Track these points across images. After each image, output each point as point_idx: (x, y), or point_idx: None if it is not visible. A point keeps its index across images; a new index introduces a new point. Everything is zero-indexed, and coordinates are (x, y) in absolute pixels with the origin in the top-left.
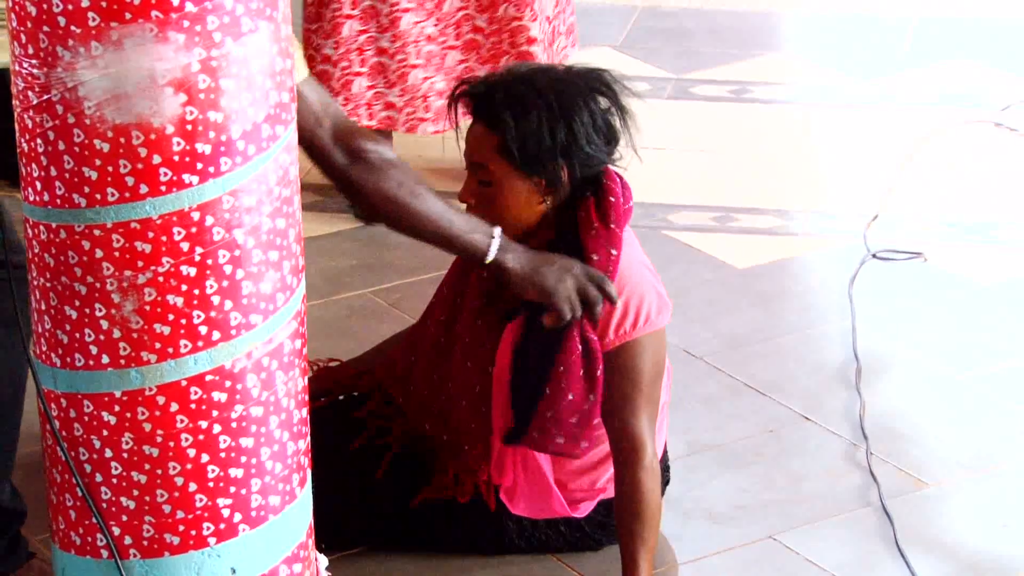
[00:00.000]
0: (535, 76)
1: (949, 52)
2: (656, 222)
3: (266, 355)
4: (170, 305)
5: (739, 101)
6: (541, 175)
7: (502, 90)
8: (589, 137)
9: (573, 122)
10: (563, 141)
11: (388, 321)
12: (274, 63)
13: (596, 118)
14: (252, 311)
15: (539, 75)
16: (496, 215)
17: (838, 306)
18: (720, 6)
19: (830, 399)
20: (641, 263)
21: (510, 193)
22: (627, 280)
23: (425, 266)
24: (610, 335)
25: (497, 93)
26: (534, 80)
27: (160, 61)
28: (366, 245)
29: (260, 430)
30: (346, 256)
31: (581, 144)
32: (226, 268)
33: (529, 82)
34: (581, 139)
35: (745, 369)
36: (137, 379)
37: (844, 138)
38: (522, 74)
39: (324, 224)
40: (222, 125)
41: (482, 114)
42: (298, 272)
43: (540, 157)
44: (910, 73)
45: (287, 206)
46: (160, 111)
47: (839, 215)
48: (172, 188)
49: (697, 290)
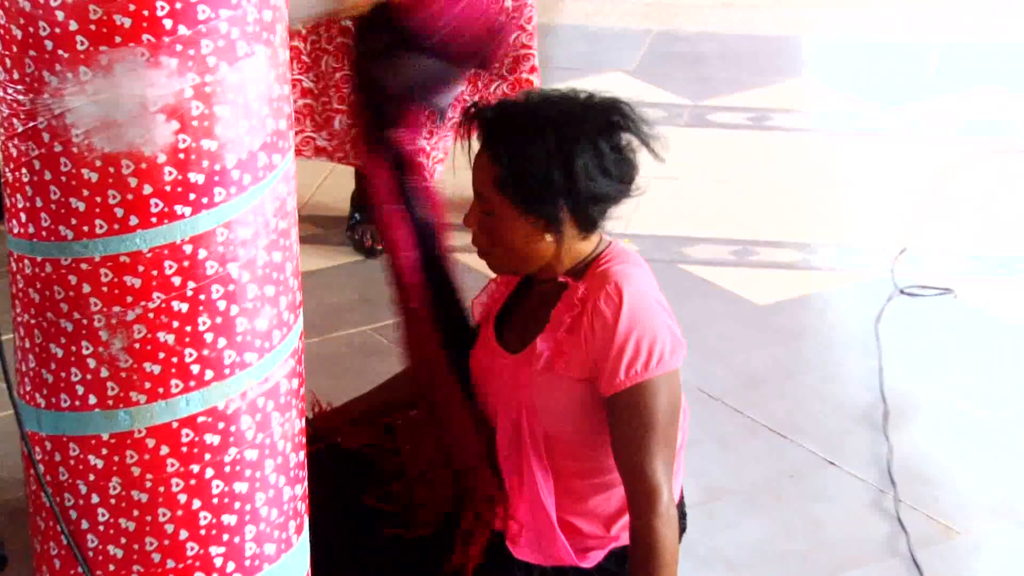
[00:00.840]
0: (545, 107)
1: (976, 79)
2: (671, 255)
3: (261, 395)
4: (161, 343)
5: (758, 129)
6: (539, 214)
7: (507, 120)
8: (591, 176)
9: (573, 162)
10: (560, 181)
11: (389, 359)
12: (271, 89)
13: (604, 157)
14: (247, 349)
15: (550, 106)
16: (500, 249)
17: (863, 344)
18: (737, 30)
19: (855, 442)
20: (655, 300)
21: (509, 228)
22: (639, 318)
23: None
24: (621, 376)
25: (502, 122)
26: (542, 111)
27: (152, 87)
28: (366, 280)
29: (255, 474)
30: (346, 291)
31: (580, 185)
32: (220, 304)
33: (535, 113)
34: (581, 180)
35: (765, 410)
36: (126, 421)
37: (868, 168)
38: (533, 104)
39: (323, 258)
40: (216, 154)
41: (487, 143)
42: (295, 308)
43: (537, 196)
44: (935, 100)
45: (284, 239)
46: (151, 139)
47: (864, 249)
48: (163, 220)
49: (714, 327)
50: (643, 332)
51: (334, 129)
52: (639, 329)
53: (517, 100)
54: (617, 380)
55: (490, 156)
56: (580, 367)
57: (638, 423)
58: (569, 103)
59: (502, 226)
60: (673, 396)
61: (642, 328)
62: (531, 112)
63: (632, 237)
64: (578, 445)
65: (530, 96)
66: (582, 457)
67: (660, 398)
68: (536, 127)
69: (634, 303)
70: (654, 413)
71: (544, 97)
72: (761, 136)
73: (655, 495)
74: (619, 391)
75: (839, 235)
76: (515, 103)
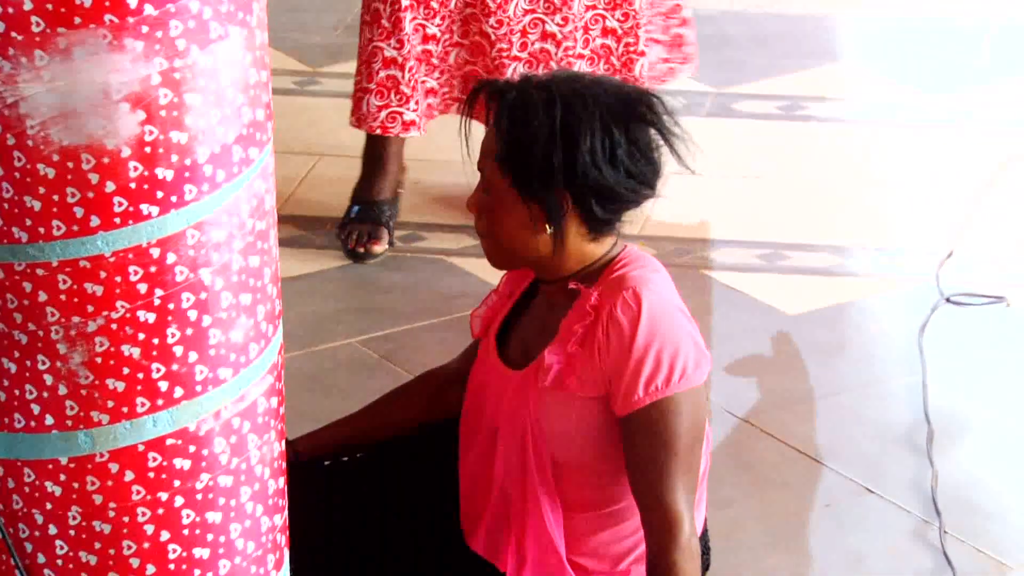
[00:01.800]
0: (564, 84)
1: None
2: (693, 260)
3: (237, 415)
4: (125, 357)
5: (790, 119)
6: (537, 201)
7: (516, 92)
8: (596, 163)
9: (577, 144)
10: (559, 164)
11: (379, 375)
12: (247, 75)
13: (617, 146)
14: (221, 364)
15: (568, 83)
16: (494, 232)
17: (906, 358)
18: (767, 9)
19: (896, 468)
20: (677, 308)
21: (505, 212)
22: (660, 328)
23: (423, 312)
24: (639, 392)
25: (510, 94)
26: (555, 88)
27: (115, 73)
28: (354, 287)
29: (229, 503)
30: (331, 299)
31: (582, 172)
32: (190, 314)
33: (547, 89)
34: (583, 166)
35: (797, 432)
36: (86, 443)
37: (912, 163)
38: (555, 79)
39: (305, 262)
40: (186, 147)
41: (495, 115)
42: (275, 318)
43: (536, 179)
44: (988, 87)
45: (262, 241)
46: (114, 131)
47: (907, 252)
48: (128, 220)
49: (741, 339)
50: (664, 343)
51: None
52: (660, 340)
53: (529, 75)
54: (635, 397)
55: (496, 130)
56: (593, 383)
57: (657, 446)
58: (593, 84)
59: (499, 209)
60: (697, 416)
61: (663, 339)
62: (546, 87)
63: (648, 240)
64: (589, 472)
65: (556, 73)
66: (593, 486)
67: (682, 417)
68: (546, 101)
69: (654, 311)
70: (675, 434)
71: (570, 75)
72: (793, 127)
73: (676, 526)
74: (636, 410)
75: (879, 237)
76: (537, 77)
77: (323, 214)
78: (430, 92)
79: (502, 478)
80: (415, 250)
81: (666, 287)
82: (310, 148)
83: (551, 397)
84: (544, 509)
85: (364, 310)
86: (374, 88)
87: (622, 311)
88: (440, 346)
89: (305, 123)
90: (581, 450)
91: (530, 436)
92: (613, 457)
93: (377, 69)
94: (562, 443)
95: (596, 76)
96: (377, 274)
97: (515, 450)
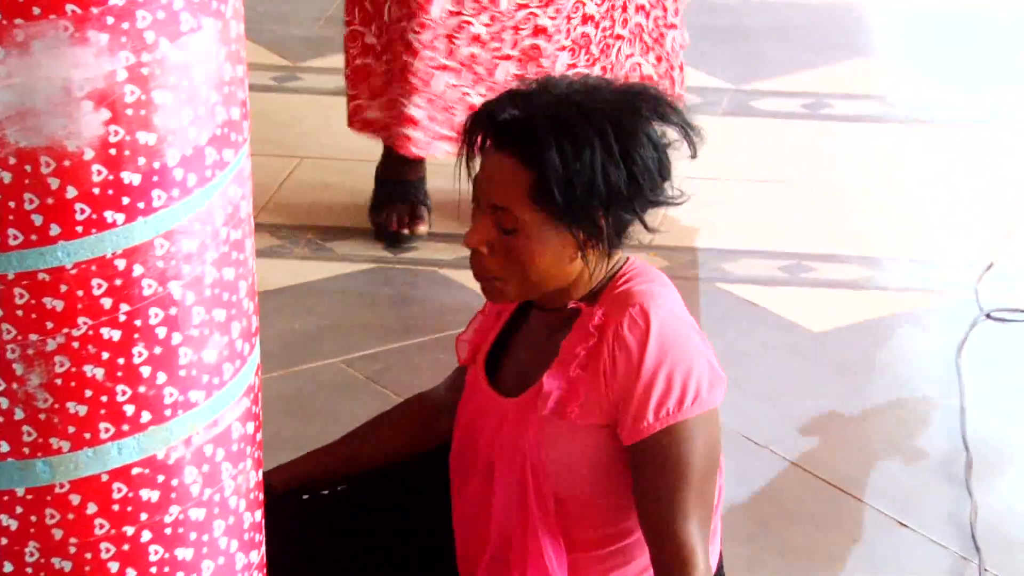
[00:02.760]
0: (580, 97)
1: None
2: (709, 272)
3: (209, 442)
4: (87, 378)
5: (814, 118)
6: (581, 226)
7: (543, 115)
8: (652, 180)
9: (633, 162)
10: (619, 186)
11: (366, 398)
12: (222, 71)
13: (661, 154)
14: (192, 386)
15: (584, 95)
16: (518, 271)
17: (942, 380)
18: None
19: (932, 499)
20: (687, 324)
21: (538, 246)
22: (671, 347)
23: (413, 329)
24: (649, 417)
25: (537, 119)
26: (581, 103)
27: (77, 68)
28: (338, 301)
29: (201, 538)
30: (313, 315)
31: (642, 190)
32: (159, 331)
33: (575, 105)
34: (643, 183)
35: (822, 461)
36: (45, 473)
37: (949, 166)
38: (563, 94)
39: (284, 274)
40: (155, 149)
41: (514, 145)
42: (251, 336)
43: (586, 205)
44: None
45: (237, 252)
46: (77, 132)
47: (943, 264)
48: (91, 229)
49: (761, 359)
50: (676, 363)
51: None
52: (671, 360)
53: (533, 92)
54: (644, 423)
55: (521, 159)
56: (599, 410)
57: (669, 475)
58: (601, 91)
59: (529, 246)
60: (711, 442)
61: (674, 359)
62: (567, 103)
63: (658, 250)
64: (595, 508)
65: (547, 86)
66: (599, 522)
67: (696, 444)
68: (587, 119)
69: (664, 329)
70: (688, 463)
71: (568, 85)
72: (818, 127)
73: (689, 563)
74: (646, 437)
75: (912, 247)
76: (536, 95)
77: (304, 222)
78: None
79: (500, 518)
80: (405, 261)
81: (675, 302)
82: (290, 150)
83: (552, 427)
84: (546, 550)
85: (349, 327)
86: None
87: (629, 330)
88: (433, 366)
89: (285, 123)
90: (586, 484)
91: (530, 470)
92: (621, 491)
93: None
94: (565, 477)
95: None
96: (364, 288)
97: (514, 486)
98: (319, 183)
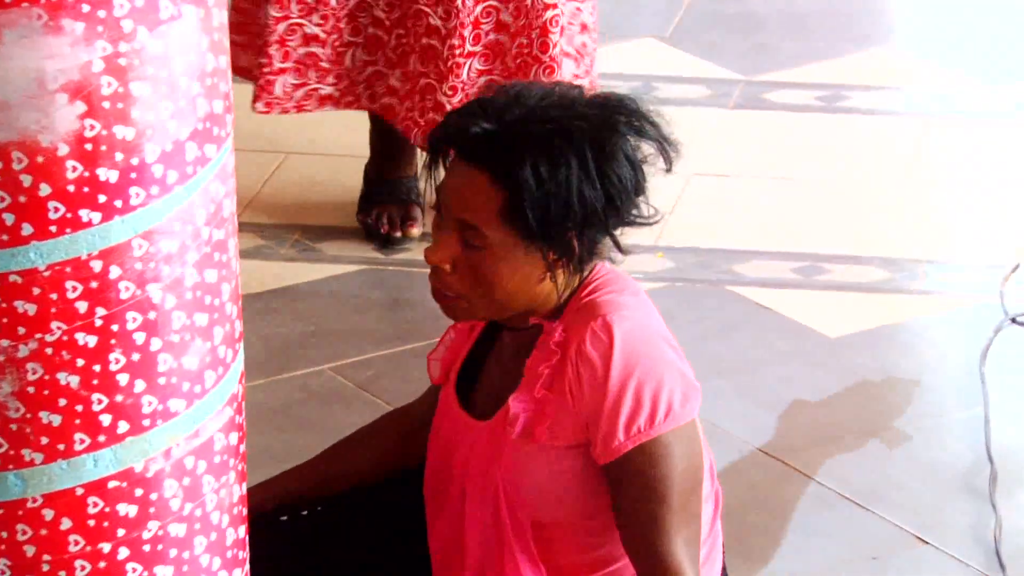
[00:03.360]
0: (555, 112)
1: None
2: (717, 275)
3: (190, 454)
4: (61, 386)
5: (830, 111)
6: (552, 247)
7: (518, 131)
8: (628, 199)
9: (610, 182)
10: (595, 207)
11: (356, 407)
12: (204, 61)
13: (637, 172)
14: (172, 394)
15: (560, 110)
16: (483, 291)
17: (965, 388)
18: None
19: (954, 514)
20: (656, 334)
21: (506, 266)
22: (637, 359)
23: (405, 335)
24: (619, 436)
25: (512, 134)
26: (557, 118)
27: (51, 59)
28: (326, 305)
29: (182, 556)
30: (300, 320)
31: (617, 210)
32: (137, 336)
33: (551, 120)
34: (619, 204)
35: (838, 473)
36: (16, 486)
37: (972, 162)
38: (537, 105)
39: (270, 276)
40: (133, 144)
41: (486, 161)
42: (234, 342)
43: (559, 226)
44: None
45: (220, 253)
46: (50, 126)
47: (966, 266)
48: (65, 229)
49: (773, 366)
50: (644, 378)
51: (344, 67)
52: (639, 374)
53: (506, 102)
54: (615, 443)
55: (492, 176)
56: (569, 431)
57: (647, 495)
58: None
59: (495, 265)
60: (690, 455)
61: (643, 373)
62: (541, 117)
63: (666, 251)
64: (575, 532)
65: (519, 95)
66: (581, 547)
67: (673, 460)
68: (564, 135)
69: (629, 340)
70: (667, 480)
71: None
72: (834, 121)
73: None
74: (619, 456)
75: (933, 248)
76: (509, 107)
77: (290, 221)
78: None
79: (476, 544)
80: (398, 262)
81: (644, 311)
82: (276, 145)
83: (522, 450)
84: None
85: (338, 332)
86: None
87: (592, 345)
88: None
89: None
90: (563, 508)
91: (503, 496)
92: (601, 512)
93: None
94: (540, 502)
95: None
96: (354, 290)
97: (488, 512)
98: (306, 180)
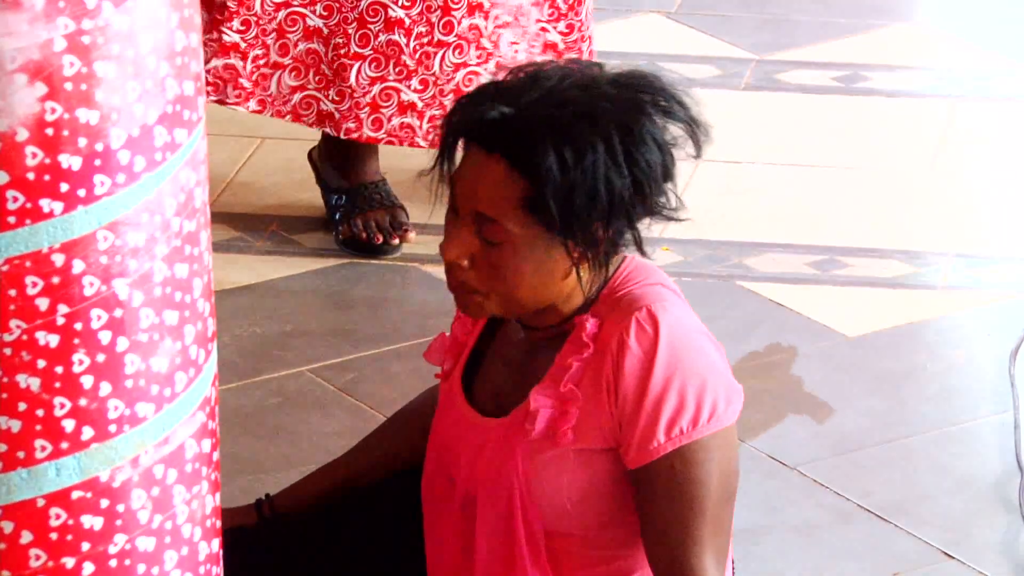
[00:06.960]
0: (576, 93)
1: None
2: (728, 269)
3: (160, 462)
4: (21, 389)
5: (849, 92)
6: (576, 240)
7: (538, 115)
8: (657, 186)
9: (639, 168)
10: (622, 196)
11: (337, 412)
12: (173, 39)
13: (666, 156)
14: (140, 398)
15: (581, 91)
16: (503, 288)
17: (994, 391)
18: None
19: (982, 527)
20: (698, 331)
21: (527, 261)
22: (683, 357)
23: (390, 334)
24: (659, 437)
25: (528, 118)
26: (579, 100)
27: (8, 37)
28: (306, 302)
29: (151, 571)
30: (277, 319)
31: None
32: (102, 336)
33: (573, 101)
34: (647, 191)
35: (859, 484)
36: None
37: (1001, 148)
38: (557, 86)
39: (245, 271)
40: (97, 129)
41: (505, 149)
42: (207, 342)
43: (584, 216)
44: None
45: (191, 246)
46: (8, 109)
47: (995, 259)
48: (24, 220)
49: (788, 368)
50: (688, 376)
51: (348, 85)
52: (683, 372)
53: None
54: (653, 444)
55: (511, 165)
56: (597, 432)
57: (682, 502)
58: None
59: (516, 261)
60: (728, 464)
61: (687, 370)
62: (562, 102)
63: (672, 244)
64: (593, 545)
65: (537, 79)
66: (597, 560)
67: (712, 466)
68: (588, 121)
69: (675, 334)
70: (703, 488)
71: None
72: (853, 103)
73: None
74: (656, 458)
75: (960, 241)
76: (525, 91)
77: (266, 211)
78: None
79: (484, 556)
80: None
81: (682, 306)
82: (250, 129)
83: (541, 451)
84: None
85: (318, 332)
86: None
87: (636, 337)
88: (412, 376)
89: None
90: (582, 517)
91: (518, 502)
92: (623, 523)
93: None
94: (559, 510)
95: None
96: (334, 287)
97: (500, 520)
98: (282, 166)
